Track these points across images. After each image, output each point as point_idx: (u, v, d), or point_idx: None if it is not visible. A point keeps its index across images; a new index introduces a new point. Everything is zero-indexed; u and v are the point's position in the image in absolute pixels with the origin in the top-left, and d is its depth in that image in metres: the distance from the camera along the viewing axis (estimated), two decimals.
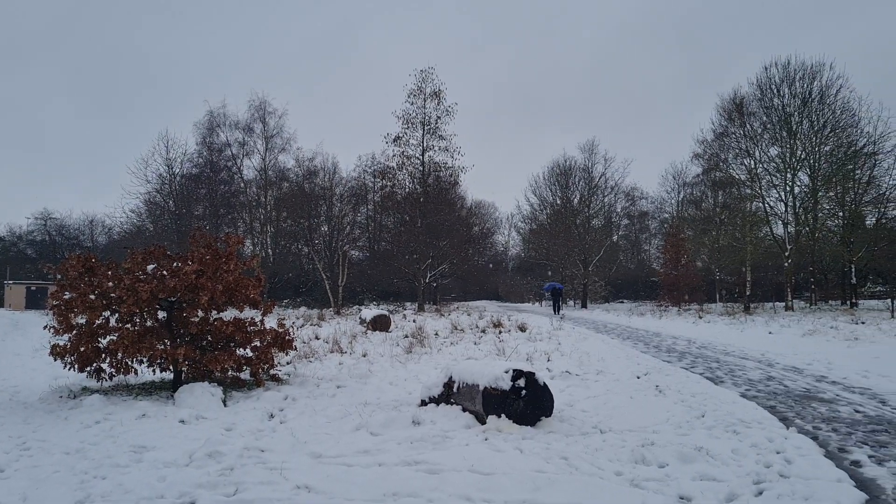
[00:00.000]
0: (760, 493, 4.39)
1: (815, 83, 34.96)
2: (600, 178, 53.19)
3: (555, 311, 34.81)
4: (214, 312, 9.27)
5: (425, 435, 6.00)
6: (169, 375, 9.29)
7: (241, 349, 9.28)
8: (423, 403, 7.45)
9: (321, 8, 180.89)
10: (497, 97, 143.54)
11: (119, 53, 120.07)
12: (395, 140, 38.51)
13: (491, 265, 71.38)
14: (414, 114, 38.58)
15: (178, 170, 45.95)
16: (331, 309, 35.47)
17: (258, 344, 9.30)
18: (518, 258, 79.44)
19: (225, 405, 7.62)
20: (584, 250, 48.85)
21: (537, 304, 60.23)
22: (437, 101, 38.49)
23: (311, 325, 21.69)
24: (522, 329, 18.99)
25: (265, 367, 9.28)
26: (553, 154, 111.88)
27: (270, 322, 10.85)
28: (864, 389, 8.83)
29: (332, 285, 37.62)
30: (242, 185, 47.03)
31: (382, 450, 5.54)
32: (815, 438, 5.96)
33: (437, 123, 38.61)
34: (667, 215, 59.04)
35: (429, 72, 38.44)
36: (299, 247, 51.99)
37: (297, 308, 40.49)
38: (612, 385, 9.10)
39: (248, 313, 10.26)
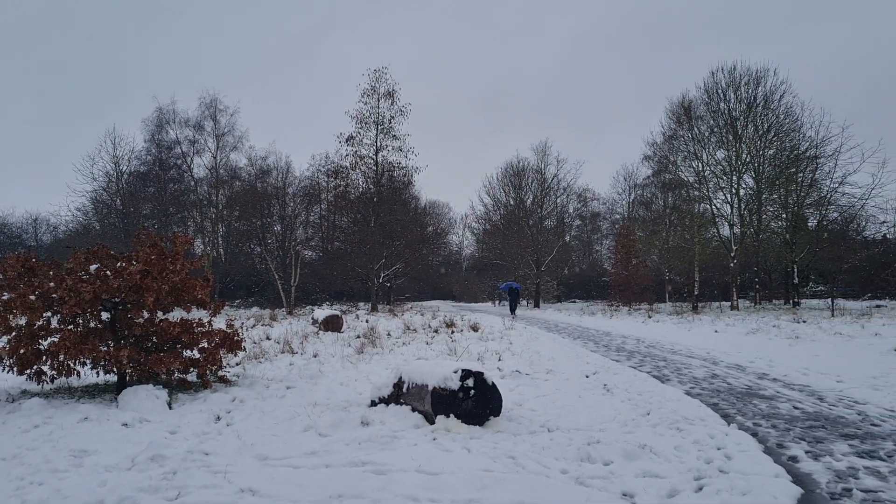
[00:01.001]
0: (701, 489, 4.49)
1: (760, 88, 35.90)
2: (553, 179, 53.69)
3: (511, 311, 34.75)
4: (161, 313, 9.09)
5: (374, 435, 5.99)
6: (113, 378, 9.08)
7: (188, 350, 9.12)
8: (373, 404, 7.43)
9: (285, 13, 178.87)
10: (460, 100, 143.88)
11: (73, 52, 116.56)
12: (348, 140, 38.27)
13: (443, 268, 71.42)
14: (367, 113, 38.40)
15: (125, 167, 44.93)
16: (283, 309, 35.11)
17: (206, 345, 9.15)
18: (472, 258, 79.71)
19: (170, 408, 7.48)
20: (536, 251, 49.25)
21: (491, 303, 60.51)
22: (390, 101, 38.38)
23: (262, 325, 21.44)
24: (475, 329, 19.06)
25: (213, 369, 9.14)
26: (508, 155, 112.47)
27: (219, 323, 10.69)
28: (803, 386, 9.10)
29: (285, 285, 37.23)
30: (193, 183, 46.15)
31: (330, 451, 5.51)
32: (754, 435, 6.12)
33: (390, 123, 38.49)
34: (618, 216, 59.88)
35: (382, 72, 38.30)
36: (251, 246, 51.33)
37: (248, 308, 39.97)
38: (561, 384, 9.20)
39: (197, 314, 10.10)
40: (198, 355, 9.09)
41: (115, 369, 8.52)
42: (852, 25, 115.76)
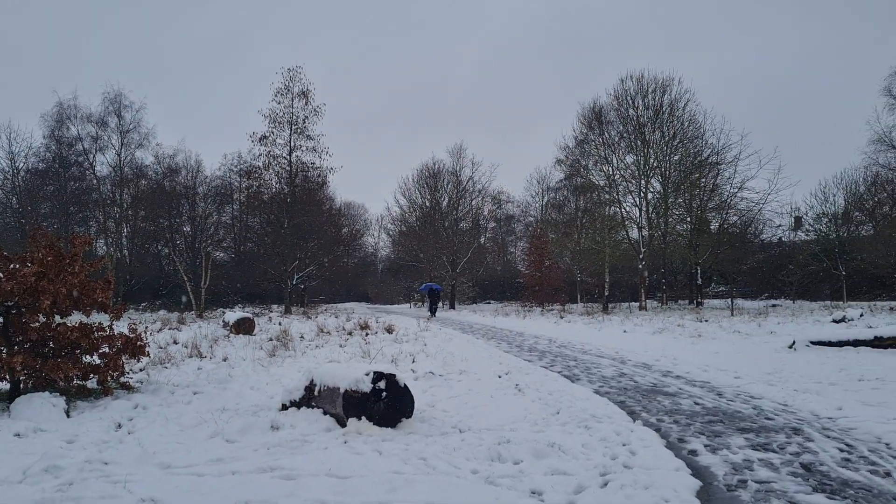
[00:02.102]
0: (606, 485, 4.60)
1: (666, 96, 37.32)
2: (468, 181, 54.15)
3: (431, 312, 34.34)
4: (58, 317, 8.66)
5: (283, 440, 5.87)
6: (6, 386, 8.59)
7: (87, 356, 8.71)
8: (284, 408, 7.30)
9: (203, 13, 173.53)
10: (383, 106, 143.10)
11: None
12: (261, 139, 37.51)
13: (349, 270, 70.65)
14: (281, 113, 37.72)
15: (22, 164, 42.65)
16: (192, 312, 34.08)
17: (107, 350, 8.76)
18: (388, 260, 79.49)
19: (68, 416, 7.13)
20: (452, 252, 49.56)
21: (408, 305, 60.50)
22: (304, 100, 37.84)
23: (169, 329, 20.71)
24: (389, 331, 19.01)
25: (114, 375, 8.76)
26: (424, 157, 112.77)
27: (121, 327, 10.26)
28: (703, 383, 9.47)
29: (195, 287, 36.13)
30: (95, 182, 44.18)
31: (237, 457, 5.37)
32: (658, 430, 6.33)
33: (304, 123, 37.94)
34: (531, 219, 60.91)
35: (296, 71, 37.72)
36: (159, 248, 49.69)
37: (156, 311, 38.58)
38: (474, 385, 9.27)
39: (97, 318, 9.67)
40: (98, 361, 8.70)
41: (7, 377, 8.06)
42: (753, 44, 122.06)
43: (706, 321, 22.23)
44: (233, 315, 19.99)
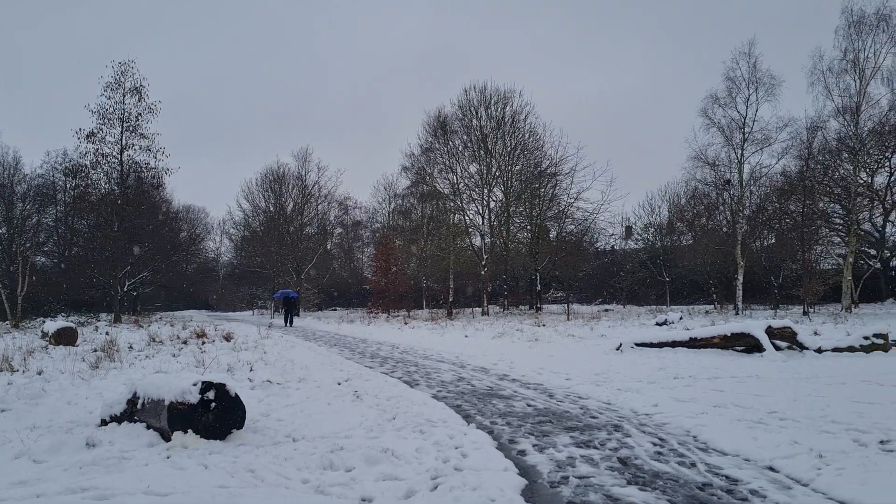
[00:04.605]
0: (436, 488, 4.65)
1: (508, 108, 38.73)
2: (314, 186, 53.43)
3: (286, 321, 32.53)
4: None
5: (99, 458, 5.46)
6: None
7: None
8: (104, 423, 6.81)
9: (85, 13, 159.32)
10: (251, 115, 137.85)
11: None
12: (88, 136, 34.90)
13: (188, 277, 67.70)
14: (111, 109, 35.34)
15: None
16: (7, 322, 31.20)
17: None
18: (230, 265, 76.84)
19: None
20: (297, 258, 48.66)
21: (250, 312, 58.68)
22: (138, 97, 35.68)
23: None
24: (228, 339, 18.33)
25: None
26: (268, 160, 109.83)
27: None
28: (537, 385, 9.85)
29: (10, 295, 33.11)
30: None
31: (44, 478, 4.93)
32: (490, 433, 6.48)
33: (137, 121, 35.77)
34: (378, 225, 60.96)
35: (129, 65, 35.47)
36: None
37: None
38: (312, 392, 9.10)
39: None
40: None
41: None
42: (600, 74, 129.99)
43: (544, 326, 23.18)
44: (53, 325, 18.49)
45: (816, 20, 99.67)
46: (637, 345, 14.29)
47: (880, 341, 12.64)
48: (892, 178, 33.81)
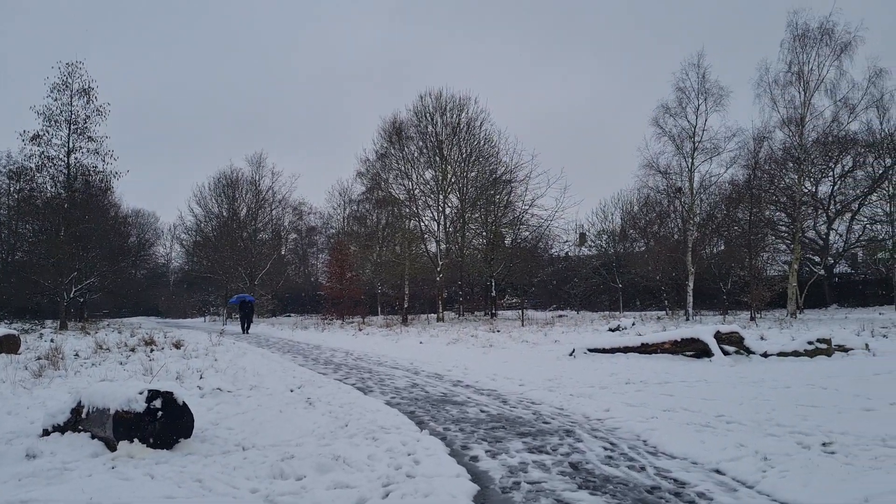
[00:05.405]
0: (387, 495, 4.61)
1: (463, 114, 38.90)
2: (268, 190, 52.89)
3: (243, 328, 31.71)
4: None
5: (40, 469, 5.30)
6: None
7: None
8: (46, 433, 6.62)
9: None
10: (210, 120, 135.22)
11: None
12: (33, 138, 33.95)
13: (137, 283, 66.13)
14: (58, 111, 34.46)
15: None
16: None
17: None
18: (181, 271, 75.50)
19: None
20: (250, 263, 48.06)
21: (201, 319, 57.73)
22: (86, 98, 34.89)
23: None
24: (178, 346, 17.97)
25: None
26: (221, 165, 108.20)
27: None
28: (491, 391, 9.88)
29: None
30: None
31: None
32: (443, 439, 6.47)
33: (85, 123, 34.95)
34: (333, 230, 60.56)
35: (76, 66, 34.66)
36: None
37: None
38: (264, 400, 8.98)
39: None
40: None
41: None
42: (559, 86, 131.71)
43: (498, 331, 23.27)
44: None
45: (763, 33, 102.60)
46: (590, 350, 14.44)
47: (824, 346, 13.00)
48: (836, 188, 34.92)
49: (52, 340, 21.13)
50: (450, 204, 39.77)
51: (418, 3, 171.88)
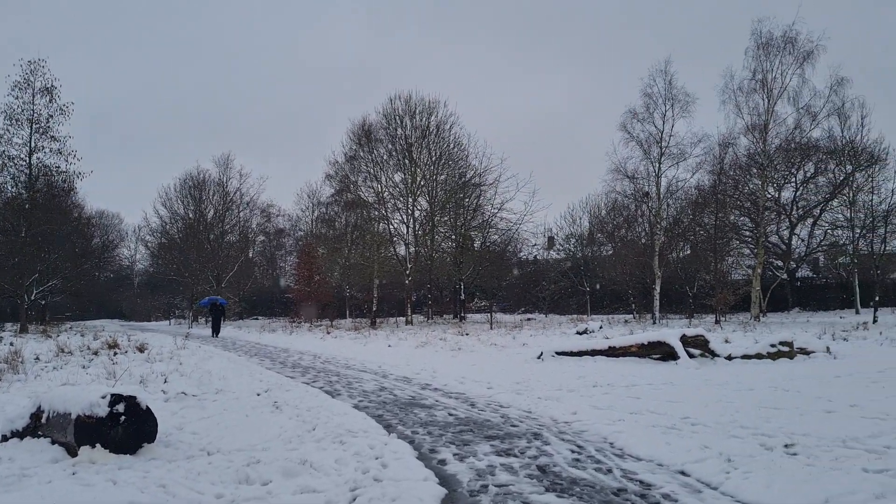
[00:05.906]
0: (354, 500, 4.58)
1: (433, 118, 38.89)
2: (236, 192, 52.38)
3: (213, 331, 31.12)
4: None
5: None
6: None
7: None
8: (5, 439, 6.46)
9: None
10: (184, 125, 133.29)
11: None
12: None
13: (101, 285, 65.10)
14: (20, 109, 33.74)
15: None
16: None
17: None
18: (146, 274, 74.35)
19: None
20: (217, 266, 47.54)
21: (166, 322, 56.95)
22: (49, 97, 34.22)
23: None
24: (141, 349, 17.68)
25: None
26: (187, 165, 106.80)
27: None
28: (459, 394, 9.87)
29: None
30: None
31: None
32: (411, 442, 6.45)
33: (48, 123, 34.27)
34: (302, 233, 60.12)
35: (39, 64, 33.97)
36: None
37: None
38: (230, 404, 8.87)
39: None
40: None
41: None
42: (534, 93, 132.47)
43: (467, 335, 23.30)
44: None
45: (729, 41, 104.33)
46: (558, 353, 14.51)
47: (786, 349, 13.22)
48: (798, 194, 35.58)
49: (11, 344, 20.65)
50: (419, 207, 39.72)
51: (393, 10, 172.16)
